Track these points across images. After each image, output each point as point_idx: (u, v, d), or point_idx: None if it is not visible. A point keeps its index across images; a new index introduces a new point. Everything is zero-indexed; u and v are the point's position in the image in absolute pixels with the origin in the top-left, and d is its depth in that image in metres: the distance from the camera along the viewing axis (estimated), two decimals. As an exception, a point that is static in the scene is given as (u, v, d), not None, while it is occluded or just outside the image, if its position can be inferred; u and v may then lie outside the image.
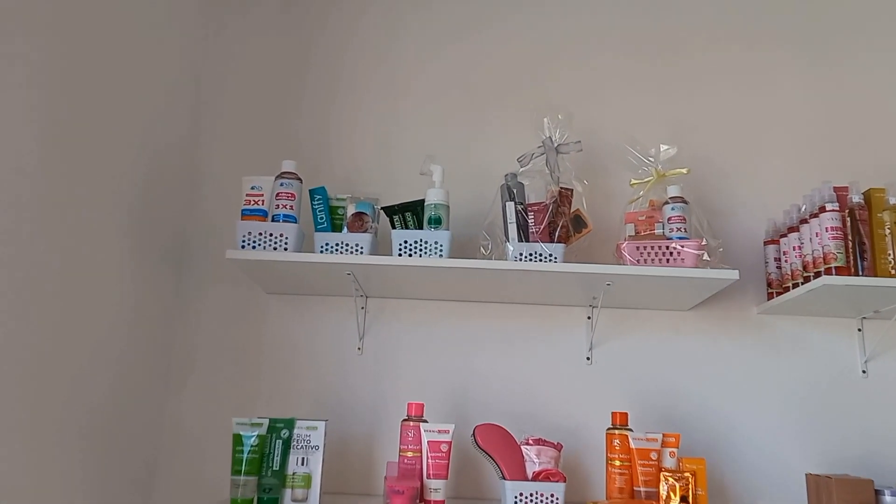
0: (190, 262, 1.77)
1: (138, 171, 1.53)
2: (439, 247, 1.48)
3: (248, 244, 1.47)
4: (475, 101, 1.86)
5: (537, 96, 1.84)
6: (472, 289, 1.62)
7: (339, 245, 1.50)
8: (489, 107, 1.85)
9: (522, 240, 1.53)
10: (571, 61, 1.88)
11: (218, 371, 1.70)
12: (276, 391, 1.69)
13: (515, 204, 1.55)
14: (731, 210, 1.76)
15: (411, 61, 1.89)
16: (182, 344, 1.72)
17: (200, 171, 1.82)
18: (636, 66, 1.87)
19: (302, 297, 1.74)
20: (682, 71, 1.87)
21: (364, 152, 1.82)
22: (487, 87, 1.87)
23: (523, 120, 1.79)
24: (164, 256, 1.67)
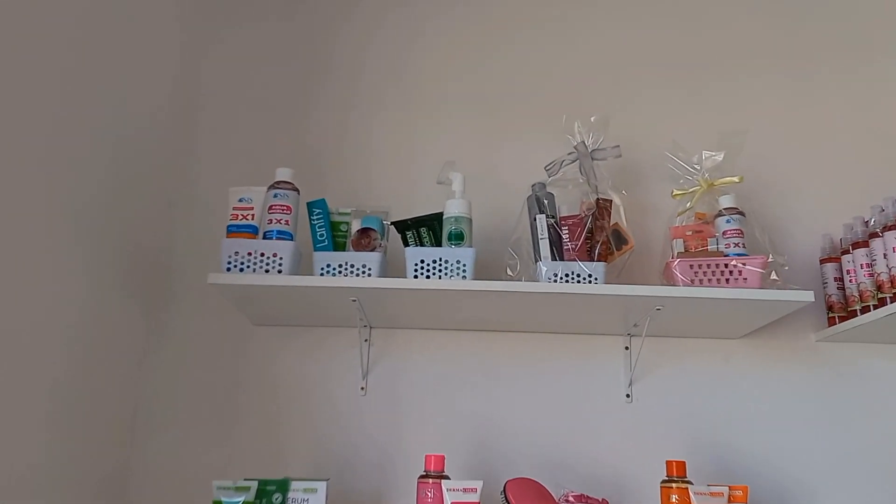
0: (166, 291, 1.52)
1: (101, 180, 1.30)
2: (462, 267, 1.25)
3: (234, 266, 1.23)
4: (495, 105, 1.66)
5: (564, 101, 1.64)
6: (494, 316, 1.40)
7: (342, 266, 1.27)
8: (510, 112, 1.65)
9: (556, 258, 1.31)
10: (603, 69, 1.69)
11: (194, 421, 1.45)
12: (265, 445, 1.43)
13: (547, 217, 1.33)
14: (780, 225, 1.57)
15: (425, 64, 1.69)
16: (151, 389, 1.47)
17: (183, 183, 1.58)
18: (671, 74, 1.69)
19: (295, 329, 1.50)
20: (724, 79, 1.69)
21: (371, 162, 1.61)
22: (508, 92, 1.67)
23: (549, 125, 1.59)
24: (133, 283, 1.43)
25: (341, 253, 1.29)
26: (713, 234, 1.36)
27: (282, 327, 1.50)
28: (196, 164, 1.61)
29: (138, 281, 1.44)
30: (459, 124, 1.64)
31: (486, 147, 1.62)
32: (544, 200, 1.36)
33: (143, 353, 1.47)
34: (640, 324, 1.40)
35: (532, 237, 1.36)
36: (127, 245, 1.39)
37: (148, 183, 1.48)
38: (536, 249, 1.33)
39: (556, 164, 1.43)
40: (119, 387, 1.37)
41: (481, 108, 1.66)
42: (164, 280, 1.53)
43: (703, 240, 1.35)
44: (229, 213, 1.28)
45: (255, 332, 1.50)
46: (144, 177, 1.46)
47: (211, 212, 1.54)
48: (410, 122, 1.64)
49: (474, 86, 1.67)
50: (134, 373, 1.43)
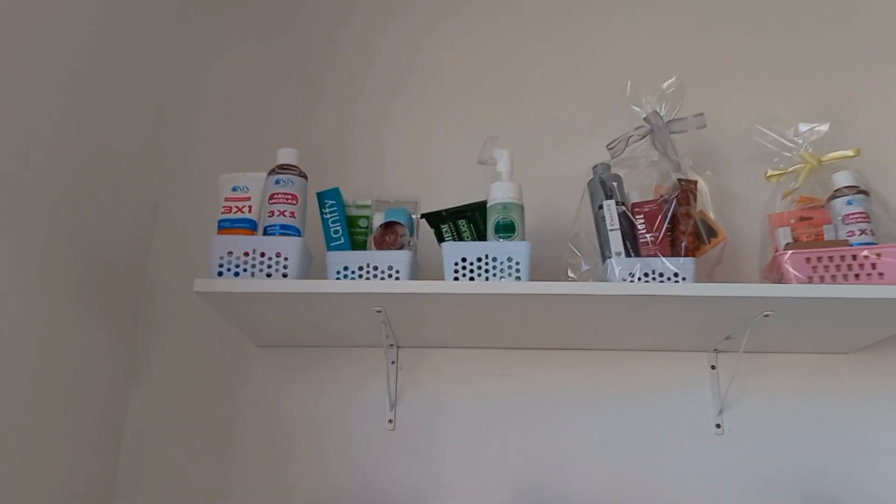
0: (150, 309, 1.27)
1: (77, 178, 1.05)
2: (515, 265, 0.98)
3: (227, 269, 0.97)
4: (537, 77, 1.40)
5: (620, 68, 1.37)
6: (550, 330, 1.13)
7: (363, 269, 1.01)
8: (555, 86, 1.39)
9: (631, 253, 1.04)
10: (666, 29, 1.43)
11: (186, 464, 1.18)
12: (271, 493, 1.16)
13: (617, 204, 1.07)
14: None
15: (450, 34, 1.44)
16: (135, 426, 1.21)
17: (171, 181, 1.34)
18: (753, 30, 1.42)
19: (306, 351, 1.24)
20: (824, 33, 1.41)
21: (386, 151, 1.35)
22: (551, 61, 1.41)
23: (603, 98, 1.33)
24: (111, 300, 1.17)
25: (362, 252, 1.03)
26: (828, 219, 1.08)
27: (290, 349, 1.24)
28: (187, 159, 1.36)
29: (116, 297, 1.19)
30: (493, 103, 1.38)
31: (526, 127, 1.35)
32: (612, 184, 1.09)
33: (125, 385, 1.21)
34: (735, 335, 1.12)
35: (597, 229, 1.09)
36: (106, 254, 1.14)
37: (130, 180, 1.23)
38: (605, 244, 1.06)
39: (621, 140, 1.16)
40: (94, 426, 1.11)
41: (519, 80, 1.40)
42: (149, 295, 1.27)
43: (815, 227, 1.07)
44: (220, 205, 1.02)
45: (259, 356, 1.24)
46: (126, 173, 1.22)
47: (205, 213, 1.29)
48: (432, 101, 1.39)
49: (510, 58, 1.42)
50: (113, 409, 1.17)
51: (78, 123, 1.08)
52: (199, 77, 1.42)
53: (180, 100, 1.39)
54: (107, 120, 1.16)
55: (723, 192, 1.25)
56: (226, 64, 1.43)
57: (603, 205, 1.07)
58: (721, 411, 1.18)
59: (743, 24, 1.42)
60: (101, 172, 1.14)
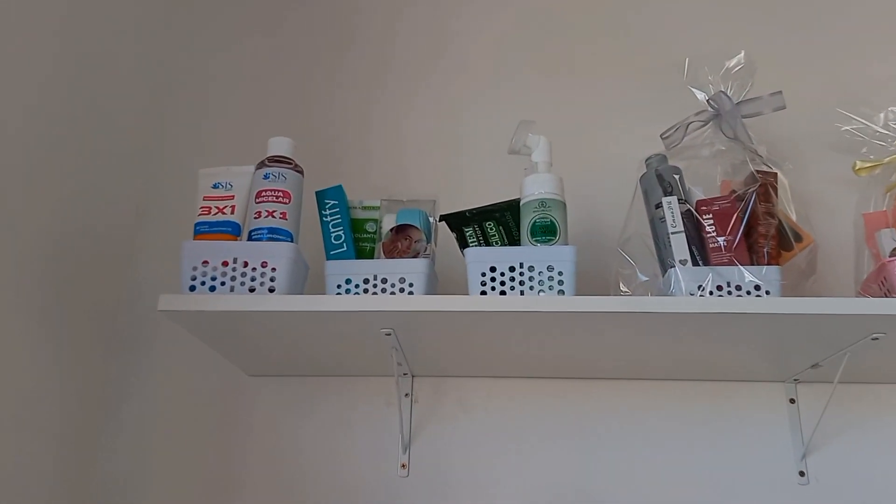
0: (125, 329, 1.09)
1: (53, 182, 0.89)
2: (557, 276, 0.79)
3: (201, 283, 0.79)
4: (576, 56, 1.21)
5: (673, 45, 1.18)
6: (594, 356, 0.93)
7: (370, 282, 0.82)
8: (597, 66, 1.20)
9: (699, 261, 0.84)
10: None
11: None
12: (262, 548, 0.97)
13: (679, 201, 0.87)
14: None
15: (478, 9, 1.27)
16: (112, 467, 1.02)
17: (156, 185, 1.17)
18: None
19: (306, 381, 1.05)
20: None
21: (402, 139, 1.17)
22: (590, 38, 1.22)
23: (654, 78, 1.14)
24: (84, 324, 1.00)
25: (368, 262, 0.85)
26: (940, 219, 0.87)
27: (287, 378, 1.05)
28: (175, 158, 1.19)
29: (87, 316, 1.01)
30: (525, 84, 1.20)
31: (565, 114, 1.16)
32: (672, 177, 0.90)
33: (94, 424, 1.03)
34: (825, 363, 0.91)
35: (654, 233, 0.89)
36: (78, 264, 0.96)
37: (110, 184, 1.06)
38: (665, 250, 0.87)
39: (679, 128, 0.97)
40: (53, 475, 0.93)
41: (556, 59, 1.21)
42: (125, 316, 1.10)
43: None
44: (198, 205, 0.85)
45: (251, 386, 1.06)
46: (107, 177, 1.05)
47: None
48: (454, 83, 1.21)
49: (544, 34, 1.23)
50: (78, 454, 0.99)
51: (56, 124, 0.91)
52: (192, 69, 1.25)
53: (173, 91, 1.23)
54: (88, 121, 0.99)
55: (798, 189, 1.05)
56: (220, 54, 1.26)
57: (662, 203, 0.88)
58: (805, 455, 0.97)
59: None
60: (81, 175, 0.97)
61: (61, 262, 0.95)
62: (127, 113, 1.13)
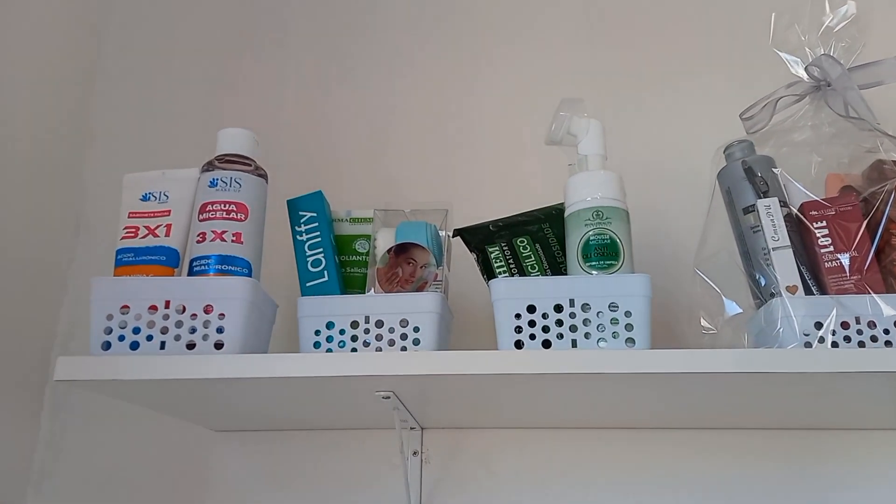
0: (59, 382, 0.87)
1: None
2: (625, 318, 0.56)
3: (120, 337, 0.56)
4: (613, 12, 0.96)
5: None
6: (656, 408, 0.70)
7: (360, 326, 0.59)
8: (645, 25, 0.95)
9: (811, 287, 0.61)
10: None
11: None
12: None
13: (780, 203, 0.64)
14: None
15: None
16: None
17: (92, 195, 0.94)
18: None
19: (285, 437, 0.83)
20: None
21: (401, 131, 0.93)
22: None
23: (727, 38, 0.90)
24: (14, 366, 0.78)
25: (357, 298, 0.62)
26: None
27: (262, 433, 0.83)
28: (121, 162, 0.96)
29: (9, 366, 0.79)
30: (555, 55, 0.95)
31: (604, 90, 0.92)
32: (768, 171, 0.66)
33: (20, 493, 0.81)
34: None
35: (745, 247, 0.66)
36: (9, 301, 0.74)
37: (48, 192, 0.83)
38: (761, 270, 0.63)
39: (766, 104, 0.73)
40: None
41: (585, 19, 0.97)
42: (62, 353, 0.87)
43: None
44: (121, 225, 0.62)
45: (217, 444, 0.83)
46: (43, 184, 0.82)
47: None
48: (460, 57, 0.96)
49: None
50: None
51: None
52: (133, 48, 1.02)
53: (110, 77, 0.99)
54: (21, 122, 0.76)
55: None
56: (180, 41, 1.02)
57: (756, 206, 0.64)
58: (933, 525, 0.74)
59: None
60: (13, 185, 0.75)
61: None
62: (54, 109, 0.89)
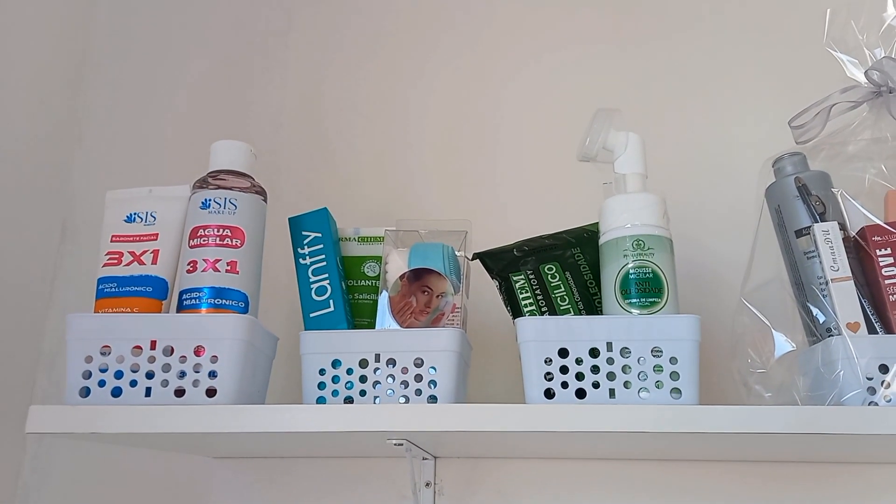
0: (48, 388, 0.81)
1: None
2: (669, 365, 0.49)
3: (100, 383, 0.50)
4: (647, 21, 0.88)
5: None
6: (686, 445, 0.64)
7: (370, 365, 0.53)
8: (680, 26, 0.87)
9: (875, 324, 0.54)
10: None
11: None
12: None
13: (839, 227, 0.57)
14: None
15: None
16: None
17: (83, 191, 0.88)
18: None
19: (289, 464, 0.77)
20: None
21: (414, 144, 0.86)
22: None
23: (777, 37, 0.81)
24: None
25: (366, 334, 0.55)
26: None
27: (264, 460, 0.77)
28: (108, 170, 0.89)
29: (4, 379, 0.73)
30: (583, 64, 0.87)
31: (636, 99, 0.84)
32: (826, 190, 0.59)
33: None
34: None
35: (796, 274, 0.59)
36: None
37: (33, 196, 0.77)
38: (816, 303, 0.56)
39: (818, 112, 0.65)
40: None
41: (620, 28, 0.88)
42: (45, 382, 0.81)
43: None
44: (102, 250, 0.55)
45: (217, 471, 0.78)
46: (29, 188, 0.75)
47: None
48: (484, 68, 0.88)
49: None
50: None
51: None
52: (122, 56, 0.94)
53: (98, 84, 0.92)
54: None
55: None
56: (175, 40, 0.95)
57: (813, 231, 0.57)
58: None
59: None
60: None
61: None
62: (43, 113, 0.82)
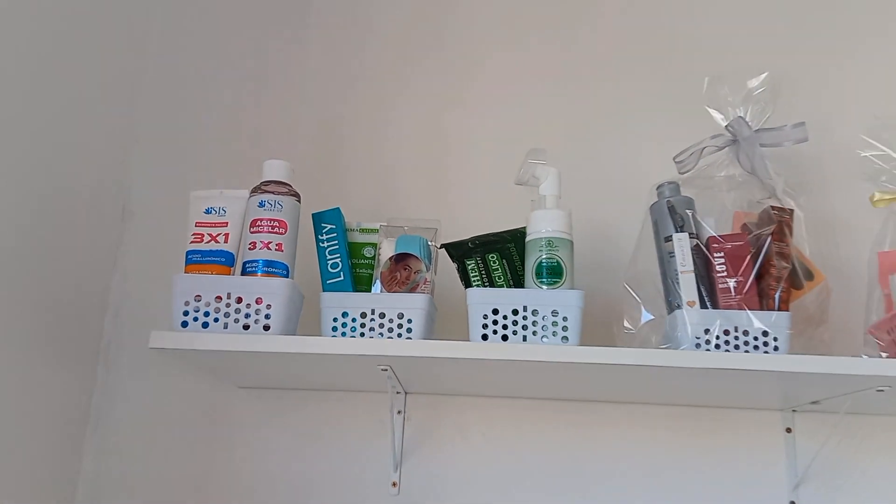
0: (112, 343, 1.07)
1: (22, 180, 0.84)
2: (562, 322, 0.77)
3: (194, 318, 0.76)
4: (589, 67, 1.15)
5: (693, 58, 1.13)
6: (595, 385, 0.92)
7: (366, 317, 0.80)
8: (610, 77, 1.15)
9: (707, 303, 0.82)
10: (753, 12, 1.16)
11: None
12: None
13: (690, 237, 0.84)
14: None
15: (476, 15, 1.20)
16: (93, 479, 1.01)
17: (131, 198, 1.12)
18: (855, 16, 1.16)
19: (297, 395, 1.03)
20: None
21: (404, 158, 1.13)
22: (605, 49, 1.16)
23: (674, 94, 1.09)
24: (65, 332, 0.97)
25: (365, 295, 0.82)
26: (957, 265, 0.85)
27: (278, 391, 1.04)
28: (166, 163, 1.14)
29: (72, 328, 0.99)
30: (533, 101, 1.15)
31: (573, 131, 1.12)
32: (684, 211, 0.86)
33: (81, 432, 1.02)
34: (825, 402, 0.90)
35: (663, 268, 0.87)
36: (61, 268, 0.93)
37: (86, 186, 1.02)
38: (673, 288, 0.84)
39: (693, 152, 0.93)
40: (39, 481, 0.92)
41: (564, 73, 1.16)
42: (111, 326, 1.07)
43: (942, 275, 0.84)
44: (189, 231, 0.81)
45: (241, 399, 1.04)
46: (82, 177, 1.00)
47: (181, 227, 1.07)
48: (462, 100, 1.15)
49: (554, 43, 1.18)
50: (65, 460, 0.98)
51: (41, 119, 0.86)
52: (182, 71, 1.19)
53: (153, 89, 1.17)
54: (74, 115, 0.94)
55: (822, 218, 1.01)
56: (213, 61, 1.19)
57: (672, 238, 0.85)
58: (798, 486, 0.97)
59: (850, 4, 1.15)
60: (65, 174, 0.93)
61: (41, 264, 0.91)
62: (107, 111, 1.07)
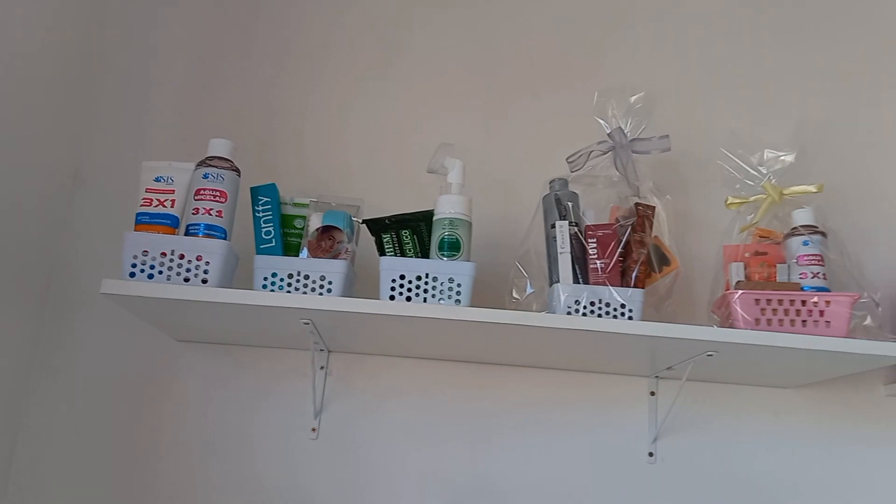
0: (58, 295, 1.17)
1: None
2: (456, 288, 0.92)
3: (141, 270, 0.89)
4: (503, 75, 1.32)
5: (594, 73, 1.31)
6: (490, 348, 1.08)
7: (293, 277, 0.93)
8: (523, 86, 1.31)
9: (579, 279, 0.99)
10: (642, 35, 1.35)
11: (94, 469, 1.11)
12: (184, 498, 1.10)
13: (570, 225, 1.01)
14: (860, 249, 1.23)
15: (412, 19, 1.35)
16: (36, 425, 1.12)
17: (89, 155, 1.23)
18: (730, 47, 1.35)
19: (230, 349, 1.16)
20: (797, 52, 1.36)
21: (336, 141, 1.27)
22: (521, 60, 1.33)
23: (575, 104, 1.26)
24: (13, 284, 1.07)
25: (292, 259, 0.95)
26: (782, 258, 1.04)
27: (213, 345, 1.16)
28: (118, 131, 1.25)
29: (23, 275, 1.09)
30: (456, 98, 1.30)
31: (489, 128, 1.28)
32: (566, 203, 1.03)
33: (25, 381, 1.12)
34: (676, 367, 1.09)
35: (548, 250, 1.03)
36: (13, 223, 1.03)
37: (50, 143, 1.11)
38: (553, 267, 1.01)
39: (581, 155, 1.10)
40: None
41: (484, 77, 1.32)
42: (60, 277, 1.17)
43: (770, 265, 1.03)
44: (140, 196, 0.93)
45: (178, 351, 1.16)
46: (46, 135, 1.10)
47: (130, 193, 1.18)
48: (391, 92, 1.30)
49: (476, 50, 1.33)
50: (12, 404, 1.08)
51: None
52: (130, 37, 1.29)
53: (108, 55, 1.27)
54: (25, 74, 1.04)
55: (685, 215, 1.21)
56: (167, 43, 1.30)
57: (556, 225, 1.01)
58: (656, 439, 1.16)
59: (721, 39, 1.35)
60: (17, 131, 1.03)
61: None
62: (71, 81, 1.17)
